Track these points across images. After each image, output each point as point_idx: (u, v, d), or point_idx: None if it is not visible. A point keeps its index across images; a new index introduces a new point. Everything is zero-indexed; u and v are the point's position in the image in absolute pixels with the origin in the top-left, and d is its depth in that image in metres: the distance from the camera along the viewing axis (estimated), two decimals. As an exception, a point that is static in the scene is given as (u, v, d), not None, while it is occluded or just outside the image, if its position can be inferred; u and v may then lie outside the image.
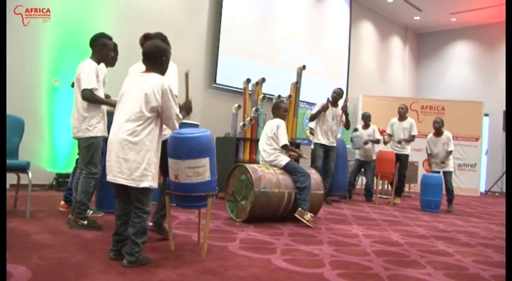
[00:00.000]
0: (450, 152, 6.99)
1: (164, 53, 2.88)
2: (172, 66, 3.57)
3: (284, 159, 4.84)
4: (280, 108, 5.15)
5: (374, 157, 7.60)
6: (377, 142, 7.75)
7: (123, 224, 2.80)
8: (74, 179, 3.96)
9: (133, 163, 2.63)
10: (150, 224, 3.62)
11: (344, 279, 2.69)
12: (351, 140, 8.00)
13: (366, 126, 7.94)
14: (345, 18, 11.75)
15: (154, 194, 3.00)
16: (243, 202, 4.58)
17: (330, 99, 6.56)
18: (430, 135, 7.26)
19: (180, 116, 2.83)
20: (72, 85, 4.11)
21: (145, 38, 3.29)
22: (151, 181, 2.70)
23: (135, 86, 2.75)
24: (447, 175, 6.96)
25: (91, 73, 3.67)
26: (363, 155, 7.75)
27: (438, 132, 7.12)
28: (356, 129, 8.00)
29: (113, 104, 3.53)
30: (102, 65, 3.99)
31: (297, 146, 7.03)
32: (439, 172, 6.98)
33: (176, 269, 2.67)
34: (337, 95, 6.66)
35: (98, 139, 3.76)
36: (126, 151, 2.63)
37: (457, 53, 13.95)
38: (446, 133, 7.10)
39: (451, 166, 7.10)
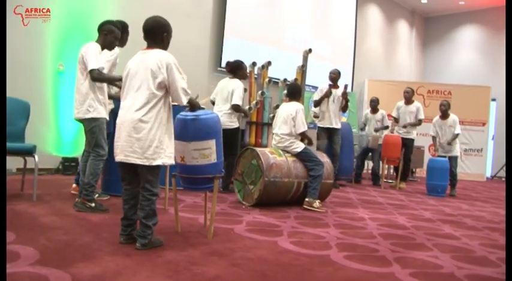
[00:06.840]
0: (457, 135, 6.93)
1: (165, 28, 2.82)
2: (239, 84, 5.07)
3: (299, 146, 4.69)
4: (299, 92, 5.07)
5: (380, 141, 7.56)
6: (386, 128, 7.72)
7: (131, 207, 2.78)
8: (82, 162, 3.96)
9: (145, 141, 2.62)
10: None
11: (351, 261, 2.69)
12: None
13: (374, 111, 7.90)
14: (351, 1, 11.56)
15: (161, 179, 3.00)
16: (251, 187, 4.55)
17: (331, 83, 6.56)
18: (436, 118, 7.20)
19: (188, 91, 2.77)
20: None
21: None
22: (164, 158, 2.69)
23: (140, 64, 2.71)
24: (452, 159, 6.91)
25: (96, 53, 3.65)
26: (369, 142, 7.70)
27: (444, 115, 7.06)
28: (362, 129, 8.03)
29: (120, 79, 3.50)
30: (116, 48, 4.07)
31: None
32: (445, 157, 6.94)
33: (183, 250, 2.67)
34: (335, 75, 6.69)
35: (99, 121, 3.74)
36: (138, 129, 2.62)
37: (464, 37, 13.71)
38: (453, 116, 7.03)
39: (457, 150, 7.05)
